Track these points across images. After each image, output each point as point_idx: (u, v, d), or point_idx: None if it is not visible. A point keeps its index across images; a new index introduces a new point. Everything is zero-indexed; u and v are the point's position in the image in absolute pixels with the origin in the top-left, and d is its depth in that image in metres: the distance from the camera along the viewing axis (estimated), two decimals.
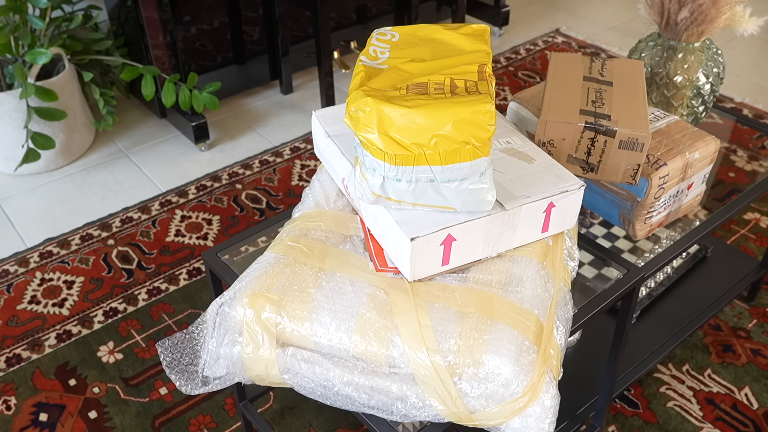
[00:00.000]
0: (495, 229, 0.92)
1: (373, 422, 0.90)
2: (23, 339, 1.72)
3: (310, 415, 1.52)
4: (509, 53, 2.97)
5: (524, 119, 1.26)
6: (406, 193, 0.88)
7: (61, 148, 2.28)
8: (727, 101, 2.62)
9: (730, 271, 1.69)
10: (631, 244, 1.30)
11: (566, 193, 0.95)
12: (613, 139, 1.08)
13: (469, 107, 0.82)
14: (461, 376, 0.84)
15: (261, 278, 0.92)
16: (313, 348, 0.88)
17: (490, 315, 0.87)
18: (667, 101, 1.41)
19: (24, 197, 2.19)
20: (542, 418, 0.85)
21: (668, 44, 1.39)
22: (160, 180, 2.26)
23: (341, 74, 2.78)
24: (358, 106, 0.85)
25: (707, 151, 1.21)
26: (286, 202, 2.15)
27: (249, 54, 2.63)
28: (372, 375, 0.86)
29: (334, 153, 1.04)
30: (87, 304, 1.81)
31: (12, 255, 1.96)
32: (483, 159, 0.86)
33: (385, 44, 0.99)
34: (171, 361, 0.92)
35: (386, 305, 0.87)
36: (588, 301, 1.09)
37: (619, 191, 1.20)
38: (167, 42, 2.28)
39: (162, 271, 1.91)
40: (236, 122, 2.55)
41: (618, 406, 1.55)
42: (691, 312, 1.58)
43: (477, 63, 0.92)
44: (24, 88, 2.01)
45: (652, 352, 1.50)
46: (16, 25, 2.07)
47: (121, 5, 2.37)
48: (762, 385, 1.59)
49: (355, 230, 1.00)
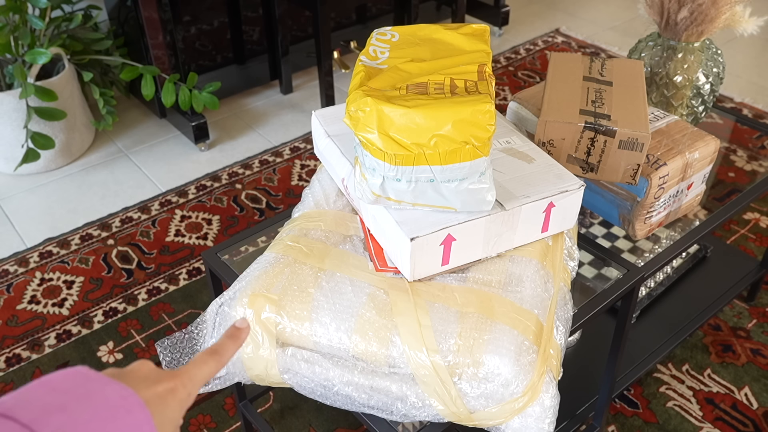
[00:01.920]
0: (495, 229, 0.92)
1: (372, 422, 0.90)
2: (23, 339, 1.72)
3: (310, 415, 1.52)
4: (509, 53, 2.97)
5: (524, 119, 1.26)
6: (406, 193, 0.88)
7: (61, 148, 2.28)
8: (726, 101, 2.62)
9: (730, 270, 1.69)
10: (631, 244, 1.30)
11: (566, 193, 0.95)
12: (612, 139, 1.08)
13: (469, 107, 0.82)
14: (461, 376, 0.84)
15: (261, 278, 0.92)
16: (312, 348, 0.88)
17: (489, 315, 0.87)
18: (666, 101, 1.41)
19: (24, 197, 2.19)
20: (542, 418, 0.85)
21: (668, 44, 1.39)
22: (159, 180, 2.26)
23: (341, 74, 2.78)
24: (357, 106, 0.85)
25: (707, 151, 1.21)
26: (286, 202, 2.15)
27: (249, 54, 2.63)
28: (372, 375, 0.86)
29: (333, 153, 1.04)
30: (87, 304, 1.81)
31: (12, 255, 1.96)
32: (483, 159, 0.86)
33: (385, 44, 0.99)
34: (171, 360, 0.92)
35: (386, 305, 0.87)
36: (588, 301, 1.09)
37: (619, 191, 1.20)
38: (167, 42, 2.28)
39: (162, 271, 1.91)
40: (236, 122, 2.55)
41: (618, 406, 1.55)
42: (690, 312, 1.58)
43: (477, 63, 0.92)
44: (24, 88, 2.01)
45: (652, 352, 1.50)
46: (15, 25, 2.07)
47: (121, 5, 2.37)
48: (762, 384, 1.59)
49: (355, 230, 1.00)
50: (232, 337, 0.57)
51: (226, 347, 0.56)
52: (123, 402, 0.44)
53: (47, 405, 0.42)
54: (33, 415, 0.41)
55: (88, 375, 0.45)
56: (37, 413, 0.41)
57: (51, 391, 0.43)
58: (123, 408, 0.44)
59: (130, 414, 0.44)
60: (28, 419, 0.40)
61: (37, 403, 0.42)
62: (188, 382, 0.51)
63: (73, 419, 0.41)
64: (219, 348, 0.56)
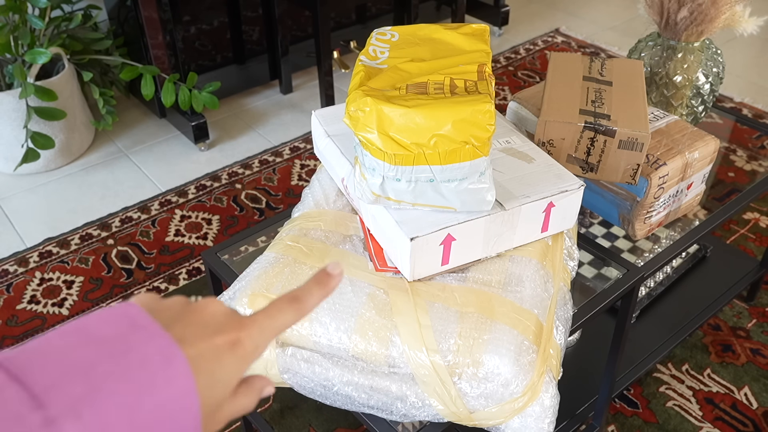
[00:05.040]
0: (495, 229, 0.92)
1: (372, 422, 0.90)
2: (23, 339, 1.71)
3: (310, 414, 1.52)
4: (509, 53, 2.97)
5: (524, 119, 1.26)
6: (406, 193, 0.88)
7: (61, 148, 2.28)
8: (726, 101, 2.62)
9: (730, 270, 1.69)
10: (631, 244, 1.30)
11: (566, 193, 0.95)
12: (612, 139, 1.08)
13: (469, 107, 0.82)
14: (461, 375, 0.84)
15: (261, 278, 0.92)
16: (312, 348, 0.88)
17: (489, 315, 0.87)
18: (666, 101, 1.41)
19: (23, 197, 2.19)
20: (542, 418, 0.85)
21: (668, 44, 1.39)
22: (159, 180, 2.26)
23: (341, 74, 2.78)
24: (357, 106, 0.85)
25: (707, 151, 1.21)
26: (286, 202, 2.15)
27: (248, 54, 2.63)
28: (371, 375, 0.86)
29: (333, 153, 1.04)
30: (87, 303, 1.81)
31: (11, 255, 1.96)
32: (482, 159, 0.86)
33: (385, 44, 0.99)
34: None
35: (386, 305, 0.87)
36: (588, 300, 1.09)
37: (619, 191, 1.20)
38: (167, 42, 2.28)
39: (162, 270, 1.91)
40: (236, 122, 2.55)
41: (617, 406, 1.55)
42: (690, 312, 1.58)
43: (477, 63, 0.92)
44: (23, 88, 2.01)
45: (652, 352, 1.50)
46: (15, 25, 2.07)
47: (121, 5, 2.37)
48: (761, 384, 1.59)
49: (355, 230, 1.00)
50: (320, 283, 0.45)
51: (310, 293, 0.45)
52: (164, 367, 0.36)
53: (71, 365, 0.35)
54: (49, 381, 0.34)
55: (134, 320, 0.38)
56: (56, 377, 0.34)
57: (84, 341, 0.36)
58: (162, 376, 0.36)
59: (169, 384, 0.36)
60: (42, 386, 0.33)
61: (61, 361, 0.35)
62: (257, 333, 0.42)
63: (95, 390, 0.34)
64: (301, 294, 0.45)
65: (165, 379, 0.36)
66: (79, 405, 0.33)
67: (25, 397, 0.33)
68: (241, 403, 0.42)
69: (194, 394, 0.37)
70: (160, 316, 0.39)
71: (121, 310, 0.38)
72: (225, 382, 0.40)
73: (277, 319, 0.43)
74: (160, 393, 0.36)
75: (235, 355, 0.41)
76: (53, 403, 0.33)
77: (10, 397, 0.33)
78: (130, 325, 0.37)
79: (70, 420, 0.33)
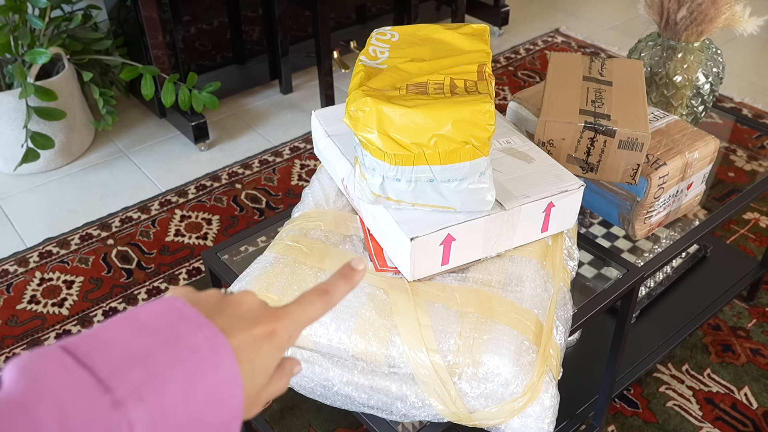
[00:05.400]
0: (495, 229, 0.92)
1: (372, 422, 0.90)
2: (23, 339, 1.71)
3: (310, 414, 1.52)
4: (509, 53, 2.97)
5: (524, 119, 1.26)
6: (406, 193, 0.88)
7: (61, 148, 2.28)
8: (726, 101, 2.62)
9: (730, 270, 1.69)
10: (631, 244, 1.30)
11: (566, 193, 0.95)
12: (612, 139, 1.08)
13: (469, 107, 0.82)
14: (461, 375, 0.84)
15: (261, 278, 0.92)
16: (312, 348, 0.88)
17: (489, 315, 0.87)
18: (666, 101, 1.41)
19: (23, 197, 2.19)
20: (542, 418, 0.85)
21: (668, 44, 1.39)
22: (159, 180, 2.26)
23: (341, 74, 2.78)
24: (357, 106, 0.85)
25: (707, 151, 1.21)
26: (286, 202, 2.15)
27: (248, 54, 2.63)
28: (371, 375, 0.86)
29: (333, 153, 1.04)
30: (86, 303, 1.81)
31: (11, 255, 1.96)
32: (482, 159, 0.86)
33: (385, 44, 0.99)
34: None
35: (386, 305, 0.87)
36: (588, 300, 1.09)
37: (619, 191, 1.20)
38: (167, 42, 2.28)
39: (162, 270, 1.91)
40: (236, 122, 2.55)
41: (617, 406, 1.55)
42: (690, 312, 1.58)
43: (477, 63, 0.92)
44: (23, 88, 2.01)
45: (652, 352, 1.50)
46: (15, 25, 2.07)
47: (121, 5, 2.37)
48: (761, 384, 1.59)
49: (355, 230, 1.00)
50: (345, 277, 0.49)
51: (337, 287, 0.48)
52: (212, 355, 0.39)
53: (130, 353, 0.37)
54: (113, 367, 0.36)
55: (182, 312, 0.41)
56: (118, 363, 0.36)
57: (138, 331, 0.38)
58: (211, 363, 0.39)
59: (217, 371, 0.39)
60: (108, 372, 0.36)
61: (120, 349, 0.37)
62: (291, 324, 0.45)
63: (154, 376, 0.37)
64: (329, 287, 0.48)
65: (213, 367, 0.39)
66: (141, 389, 0.36)
67: (93, 381, 0.35)
68: (276, 385, 0.46)
69: (239, 380, 0.40)
70: (201, 307, 0.43)
71: (167, 302, 0.41)
72: (264, 369, 0.43)
73: (308, 310, 0.47)
74: (209, 379, 0.39)
75: (272, 345, 0.44)
76: (119, 388, 0.35)
77: (80, 379, 0.35)
78: (177, 316, 0.40)
79: (135, 403, 0.36)
